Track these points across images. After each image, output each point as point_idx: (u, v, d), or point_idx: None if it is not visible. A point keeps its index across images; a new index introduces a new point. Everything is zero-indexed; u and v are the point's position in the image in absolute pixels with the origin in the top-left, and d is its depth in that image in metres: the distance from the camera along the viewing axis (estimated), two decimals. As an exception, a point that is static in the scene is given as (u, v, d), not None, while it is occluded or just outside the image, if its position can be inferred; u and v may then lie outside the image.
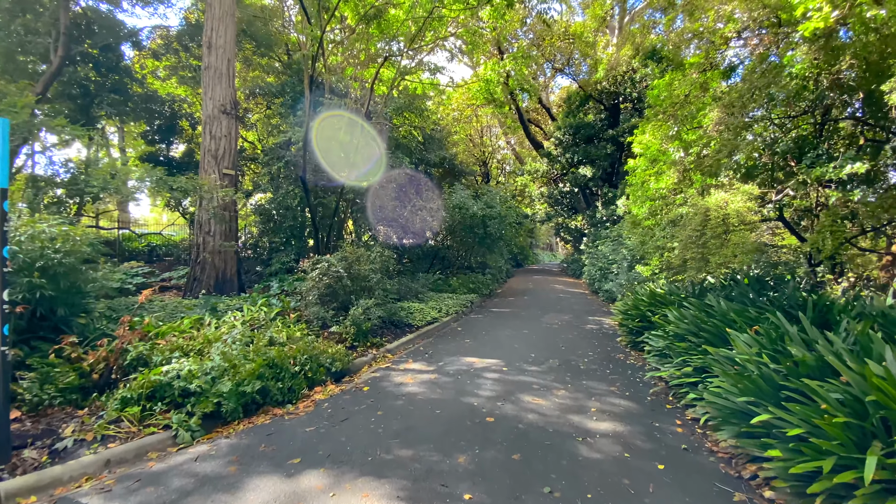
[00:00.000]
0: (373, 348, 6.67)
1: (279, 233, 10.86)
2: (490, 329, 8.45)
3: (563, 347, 6.98)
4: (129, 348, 4.79)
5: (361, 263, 7.82)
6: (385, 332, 7.55)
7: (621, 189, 20.62)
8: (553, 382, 5.14)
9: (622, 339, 7.44)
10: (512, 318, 9.81)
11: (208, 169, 9.55)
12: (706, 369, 4.37)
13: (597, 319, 9.68)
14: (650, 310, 6.96)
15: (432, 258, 14.22)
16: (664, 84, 7.36)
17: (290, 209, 10.47)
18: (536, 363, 6.00)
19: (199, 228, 9.56)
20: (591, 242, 21.19)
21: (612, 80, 20.76)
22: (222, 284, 9.45)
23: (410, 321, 8.28)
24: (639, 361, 6.23)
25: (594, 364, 6.03)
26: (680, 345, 4.81)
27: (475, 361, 6.05)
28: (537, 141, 27.08)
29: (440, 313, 9.32)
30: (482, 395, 4.69)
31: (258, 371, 4.56)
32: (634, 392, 4.88)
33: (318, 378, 5.18)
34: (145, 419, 4.03)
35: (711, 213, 5.71)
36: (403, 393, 4.79)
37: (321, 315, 7.05)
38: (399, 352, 6.81)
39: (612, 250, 14.67)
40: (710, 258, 5.59)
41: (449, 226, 13.40)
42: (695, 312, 5.28)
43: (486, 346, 6.98)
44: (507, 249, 16.65)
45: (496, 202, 13.32)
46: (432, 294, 10.98)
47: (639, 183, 10.13)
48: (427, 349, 6.87)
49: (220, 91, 9.79)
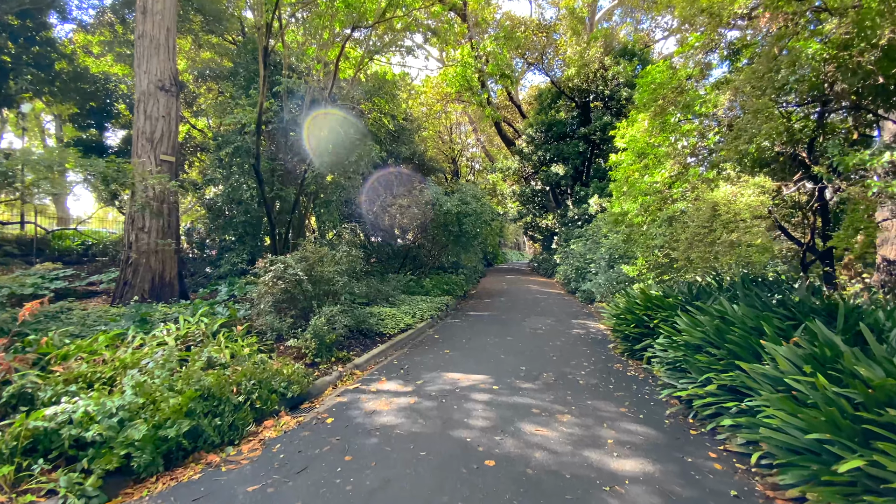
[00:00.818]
0: (338, 364, 5.69)
1: (230, 229, 9.59)
2: (471, 336, 7.63)
3: (553, 357, 6.26)
4: (10, 379, 3.63)
5: (325, 264, 6.80)
6: (353, 344, 6.57)
7: (593, 188, 20.46)
8: (554, 404, 4.37)
9: (617, 346, 6.81)
10: (492, 322, 9.05)
11: (142, 154, 8.19)
12: (737, 389, 3.72)
13: (581, 323, 9.08)
14: (647, 314, 6.38)
15: (403, 258, 13.27)
16: (657, 70, 6.78)
17: (242, 203, 9.23)
18: (529, 378, 5.23)
19: (130, 224, 8.18)
20: (563, 241, 20.89)
21: (584, 77, 20.52)
22: (160, 289, 8.12)
23: (381, 329, 7.33)
24: (640, 373, 5.60)
25: (593, 377, 5.33)
26: (699, 358, 4.16)
27: (459, 378, 5.21)
28: (509, 138, 26.62)
29: (414, 319, 8.42)
30: (475, 425, 3.85)
31: (187, 406, 3.51)
32: (649, 414, 4.19)
33: (269, 408, 4.17)
34: (21, 483, 2.94)
35: (721, 208, 5.13)
36: (377, 426, 3.87)
37: (276, 326, 5.99)
38: (369, 367, 5.86)
39: (590, 249, 14.25)
40: (721, 258, 5.01)
41: (421, 223, 12.50)
42: (711, 319, 4.67)
43: (469, 358, 6.16)
44: (481, 248, 15.93)
45: (471, 198, 12.54)
46: (404, 297, 10.06)
47: (622, 178, 9.63)
48: (402, 363, 5.96)
49: (158, 64, 8.44)
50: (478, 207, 12.33)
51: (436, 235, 13.05)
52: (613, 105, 20.38)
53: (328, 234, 12.27)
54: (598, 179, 21.28)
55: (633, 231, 8.68)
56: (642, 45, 21.62)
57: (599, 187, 20.12)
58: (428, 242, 13.60)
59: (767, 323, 3.98)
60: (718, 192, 5.26)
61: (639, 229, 7.46)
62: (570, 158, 21.54)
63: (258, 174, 7.89)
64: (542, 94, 23.78)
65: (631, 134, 8.81)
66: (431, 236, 13.15)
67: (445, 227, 12.13)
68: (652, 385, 5.07)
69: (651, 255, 7.79)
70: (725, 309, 4.71)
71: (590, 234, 15.51)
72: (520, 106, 29.14)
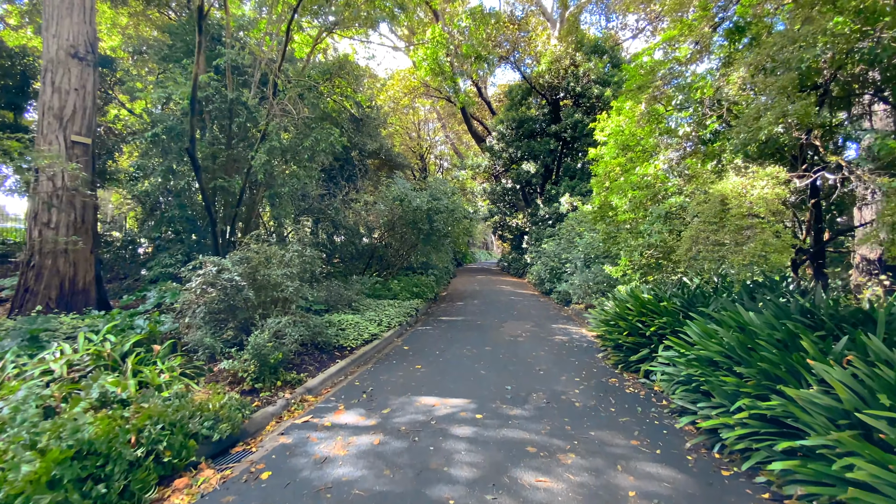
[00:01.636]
0: (286, 389, 4.66)
1: (163, 225, 8.26)
2: (445, 346, 6.76)
3: (540, 371, 5.49)
4: None
5: (272, 267, 5.73)
6: (306, 361, 5.54)
7: (564, 186, 20.10)
8: (553, 438, 3.57)
9: (608, 357, 6.13)
10: (467, 328, 8.22)
11: (49, 134, 6.78)
12: (781, 421, 3.04)
13: (563, 328, 8.41)
14: (641, 321, 5.73)
15: (369, 258, 12.23)
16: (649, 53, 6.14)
17: (177, 194, 7.94)
18: (518, 401, 4.41)
19: (32, 219, 6.75)
20: (534, 241, 20.42)
21: (555, 73, 20.13)
22: (70, 297, 6.75)
23: (342, 341, 6.32)
24: (639, 389, 4.91)
25: (589, 397, 4.58)
26: (725, 379, 3.47)
27: (435, 404, 4.32)
28: (479, 134, 25.99)
29: (380, 327, 7.45)
30: (459, 476, 2.97)
31: (50, 474, 2.44)
32: (666, 447, 3.46)
33: (183, 460, 3.12)
34: None
35: (731, 201, 4.51)
36: (329, 483, 2.92)
37: (208, 343, 4.89)
38: (325, 390, 4.87)
39: (564, 249, 13.72)
40: (731, 257, 4.38)
41: (388, 221, 11.52)
42: (727, 330, 4.02)
43: (444, 375, 5.28)
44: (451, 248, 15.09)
45: (443, 194, 11.67)
46: (370, 301, 9.06)
47: (604, 173, 9.04)
48: (365, 384, 5.01)
49: (71, 27, 7.04)
50: (450, 204, 11.49)
51: (404, 234, 12.09)
52: (584, 102, 20.09)
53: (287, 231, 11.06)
54: (569, 178, 20.96)
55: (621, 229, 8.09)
56: (612, 43, 21.50)
57: (570, 186, 19.79)
58: (396, 241, 12.62)
59: (805, 336, 3.33)
60: (726, 184, 4.66)
61: (630, 227, 6.83)
62: (540, 156, 21.12)
63: (193, 159, 6.68)
64: (513, 91, 23.28)
65: (614, 125, 8.21)
66: (400, 235, 12.19)
67: (415, 225, 11.20)
68: (657, 405, 4.38)
69: (635, 255, 7.20)
70: (743, 317, 4.07)
71: (563, 233, 15.01)
72: (489, 102, 28.60)
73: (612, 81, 19.15)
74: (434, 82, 19.06)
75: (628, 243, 7.45)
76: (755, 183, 4.55)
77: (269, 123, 7.09)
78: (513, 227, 24.73)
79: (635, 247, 7.14)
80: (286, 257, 5.86)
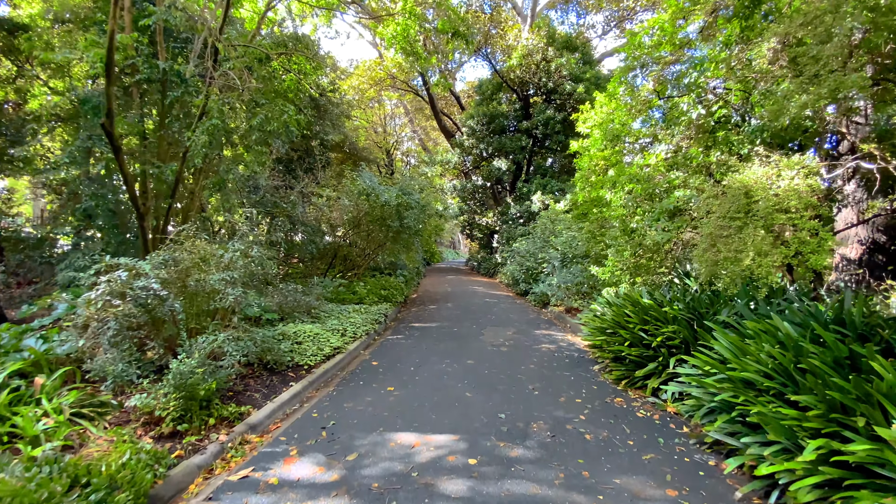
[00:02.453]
0: (221, 427, 3.62)
1: (79, 220, 6.88)
2: (420, 360, 5.87)
3: (535, 391, 4.72)
4: None
5: (209, 270, 4.65)
6: (251, 387, 4.50)
7: (535, 184, 19.65)
8: (572, 492, 2.77)
9: (606, 370, 5.45)
10: (443, 336, 7.36)
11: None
12: (869, 470, 2.38)
13: (547, 334, 7.71)
14: (644, 329, 5.08)
15: (332, 258, 11.12)
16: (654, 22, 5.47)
17: (97, 182, 6.60)
18: (517, 435, 3.60)
19: None
20: (505, 240, 19.88)
21: (526, 68, 19.65)
22: (-55, 308, 5.34)
23: (298, 359, 5.30)
24: (650, 410, 4.23)
25: (600, 426, 3.83)
26: (783, 410, 2.79)
27: (415, 444, 3.43)
28: (448, 130, 25.24)
29: (344, 338, 6.46)
30: (456, 570, 2.11)
31: None
32: (712, 499, 2.75)
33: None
34: None
35: (757, 193, 3.89)
36: None
37: (111, 371, 3.77)
38: (273, 426, 3.87)
39: (540, 248, 13.14)
40: (760, 259, 3.76)
41: (353, 217, 10.46)
42: (760, 343, 3.38)
43: (423, 400, 4.40)
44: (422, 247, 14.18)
45: (414, 189, 10.75)
46: (332, 307, 8.01)
47: (589, 167, 8.44)
48: (325, 415, 4.04)
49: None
50: (422, 199, 10.58)
51: (371, 231, 11.07)
52: (556, 99, 19.71)
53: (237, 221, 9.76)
54: (541, 176, 20.55)
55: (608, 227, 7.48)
56: (584, 40, 21.28)
57: (542, 184, 19.36)
58: (361, 240, 11.57)
59: (873, 356, 2.70)
60: (749, 175, 4.06)
61: (623, 224, 6.20)
62: (512, 153, 20.61)
63: (110, 136, 5.43)
64: (483, 85, 22.65)
65: (602, 114, 7.60)
66: (366, 232, 11.16)
67: (383, 222, 10.22)
68: (678, 433, 3.70)
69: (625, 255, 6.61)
70: (781, 329, 3.44)
71: (538, 231, 14.46)
72: (459, 98, 27.89)
73: (584, 79, 18.87)
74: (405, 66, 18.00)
75: (618, 242, 6.85)
76: (782, 173, 3.96)
77: (210, 98, 5.93)
78: (482, 225, 24.12)
79: (625, 246, 6.54)
80: (229, 259, 4.78)
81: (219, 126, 5.83)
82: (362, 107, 26.89)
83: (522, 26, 22.71)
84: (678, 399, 4.28)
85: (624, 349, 5.03)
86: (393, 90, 28.90)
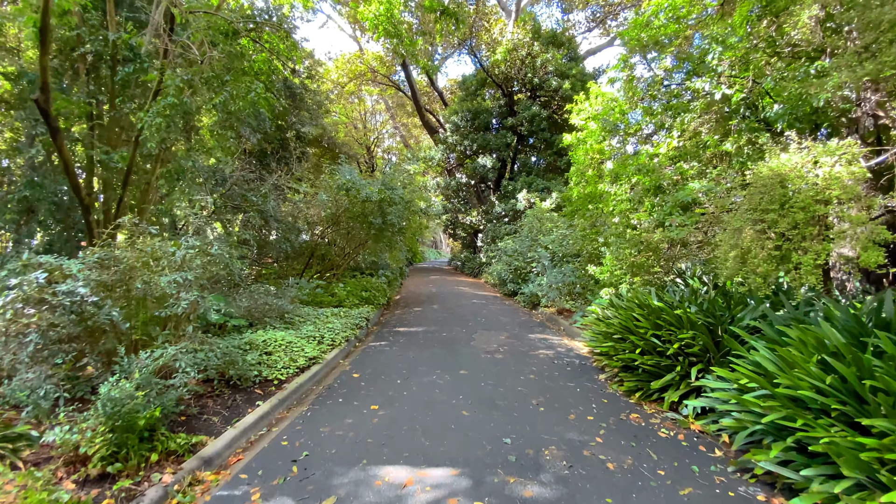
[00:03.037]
0: (167, 464, 2.93)
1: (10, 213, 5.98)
2: (407, 372, 5.26)
3: (540, 407, 4.17)
4: None
5: (161, 270, 3.93)
6: (208, 408, 3.80)
7: (521, 182, 19.24)
8: (605, 547, 2.22)
9: (615, 380, 4.94)
10: (431, 343, 6.76)
11: None
12: None
13: (542, 338, 7.20)
14: (656, 335, 4.61)
15: (308, 257, 10.36)
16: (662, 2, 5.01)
17: (34, 168, 5.73)
18: (528, 467, 3.03)
19: None
20: (489, 239, 19.41)
21: (512, 63, 19.22)
22: None
23: (267, 372, 4.61)
24: (673, 428, 3.73)
25: (621, 451, 3.31)
26: (864, 441, 2.30)
27: (407, 482, 2.82)
28: (431, 125, 24.63)
29: (321, 346, 5.79)
30: None
31: None
32: (774, 549, 2.25)
33: None
34: None
35: (794, 182, 3.44)
36: None
37: (39, 396, 3.03)
38: (233, 460, 3.19)
39: (529, 247, 12.68)
40: (800, 257, 3.31)
41: (332, 214, 9.75)
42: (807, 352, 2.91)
43: (414, 422, 3.79)
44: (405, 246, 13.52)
45: (397, 184, 10.11)
46: (308, 311, 7.31)
47: (584, 161, 7.98)
48: (297, 444, 3.39)
49: None
50: (406, 195, 9.95)
51: (351, 229, 10.38)
52: (542, 95, 19.37)
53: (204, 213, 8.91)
54: (527, 173, 20.15)
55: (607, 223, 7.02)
56: (569, 37, 20.98)
57: (528, 182, 18.96)
58: (341, 238, 10.86)
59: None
60: (783, 162, 3.62)
61: (625, 219, 5.73)
62: (497, 150, 20.15)
63: (45, 114, 4.63)
64: (467, 81, 22.16)
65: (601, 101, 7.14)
66: (346, 230, 10.45)
67: (365, 219, 9.54)
68: (712, 458, 3.20)
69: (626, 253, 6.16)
70: (828, 336, 2.99)
71: (525, 230, 14.01)
72: (441, 94, 27.31)
73: (571, 75, 18.57)
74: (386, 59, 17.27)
75: (618, 240, 6.39)
76: (820, 160, 3.52)
77: (165, 73, 5.16)
78: (466, 224, 23.59)
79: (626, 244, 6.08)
80: (182, 257, 4.06)
81: (176, 106, 5.08)
82: (342, 101, 26.02)
83: (507, 21, 22.29)
84: (701, 414, 3.81)
85: (636, 357, 4.54)
86: (374, 85, 28.12)
